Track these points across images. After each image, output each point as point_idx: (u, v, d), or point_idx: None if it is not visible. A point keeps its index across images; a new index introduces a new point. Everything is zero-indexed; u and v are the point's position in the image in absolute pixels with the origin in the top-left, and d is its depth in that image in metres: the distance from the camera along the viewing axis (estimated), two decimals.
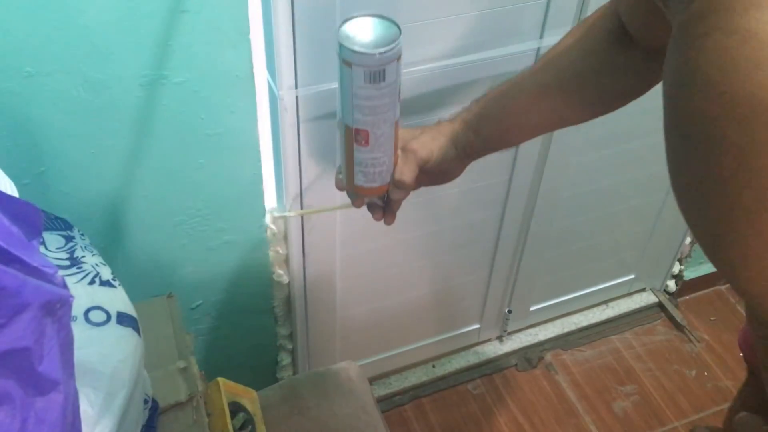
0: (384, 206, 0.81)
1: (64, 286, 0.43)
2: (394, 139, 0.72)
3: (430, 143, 0.76)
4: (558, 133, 1.30)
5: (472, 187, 1.33)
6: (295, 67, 0.97)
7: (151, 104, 0.94)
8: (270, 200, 1.16)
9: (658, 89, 0.45)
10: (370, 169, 0.72)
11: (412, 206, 1.29)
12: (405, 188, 0.76)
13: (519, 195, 1.40)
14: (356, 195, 0.77)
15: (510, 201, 1.40)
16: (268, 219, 1.16)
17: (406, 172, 0.74)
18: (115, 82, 0.90)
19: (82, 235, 0.72)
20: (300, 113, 1.03)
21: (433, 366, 1.67)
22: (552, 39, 1.14)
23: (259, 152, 1.07)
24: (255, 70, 0.97)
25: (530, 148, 1.31)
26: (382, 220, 0.83)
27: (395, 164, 0.74)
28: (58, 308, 0.41)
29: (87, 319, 0.62)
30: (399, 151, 0.75)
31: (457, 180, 1.29)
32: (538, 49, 1.16)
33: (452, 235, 1.41)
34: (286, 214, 1.15)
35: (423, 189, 1.29)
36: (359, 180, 0.74)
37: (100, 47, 0.86)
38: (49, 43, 0.83)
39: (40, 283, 0.39)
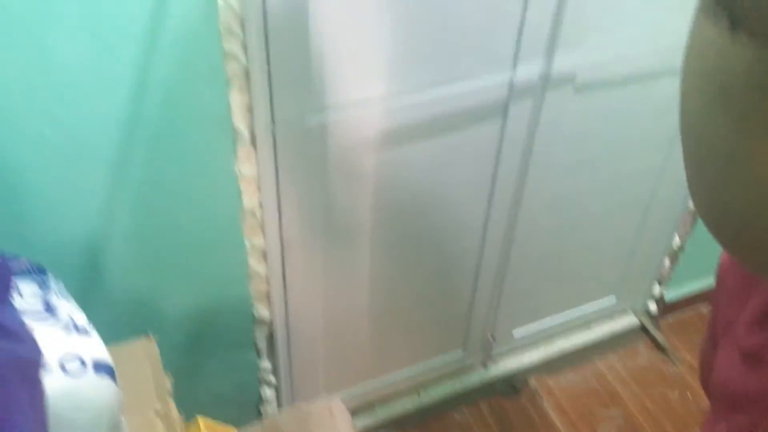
0: None
1: (35, 344, 0.42)
2: None
3: None
4: (536, 161, 1.31)
5: (451, 217, 1.34)
6: None
7: (127, 143, 0.94)
8: None
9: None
10: None
11: (393, 238, 1.30)
12: None
13: (498, 223, 1.41)
14: None
15: (489, 229, 1.41)
16: None
17: None
18: (89, 122, 0.90)
19: (57, 280, 0.71)
20: None
21: (419, 394, 1.67)
22: (526, 69, 1.16)
23: (238, 187, 1.07)
24: (233, 112, 0.97)
25: (507, 176, 1.32)
26: None
27: None
28: (28, 369, 0.41)
29: (62, 369, 0.61)
30: None
31: (437, 211, 1.31)
32: (511, 80, 1.17)
33: (434, 264, 1.42)
34: None
35: (402, 219, 1.30)
36: None
37: (74, 87, 0.86)
38: (22, 84, 0.83)
39: (11, 347, 0.39)
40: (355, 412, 1.61)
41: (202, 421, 0.89)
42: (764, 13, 0.28)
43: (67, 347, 0.63)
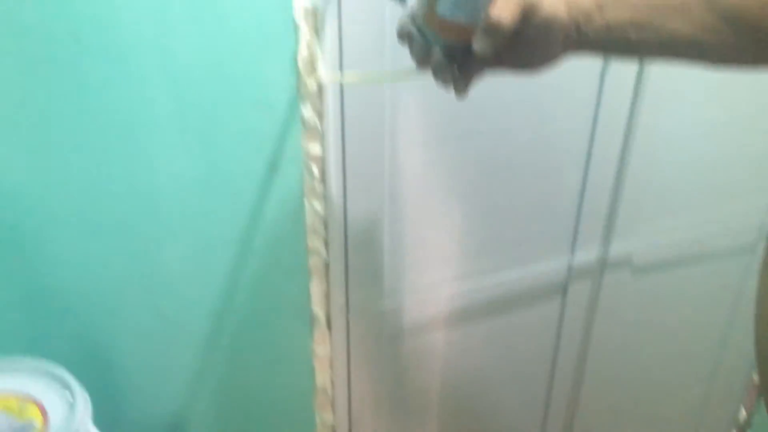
0: (456, 72, 0.60)
1: None
2: None
3: None
4: (595, 338, 1.34)
5: (515, 390, 1.36)
6: None
7: (215, 330, 1.02)
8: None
9: None
10: None
11: (458, 411, 1.32)
12: (498, 34, 0.54)
13: (560, 396, 1.42)
14: (432, 33, 0.57)
15: (551, 404, 1.42)
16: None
17: (506, 13, 0.53)
18: (184, 312, 0.99)
19: None
20: None
21: None
22: (583, 253, 1.23)
23: (312, 366, 1.13)
24: (312, 299, 1.05)
25: (567, 352, 1.35)
26: (453, 92, 0.62)
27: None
28: None
29: None
30: None
31: (501, 384, 1.33)
32: (569, 264, 1.24)
33: (497, 416, 1.42)
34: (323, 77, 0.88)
35: (468, 393, 1.32)
36: (443, 7, 0.55)
37: (175, 282, 0.96)
38: (129, 279, 0.93)
39: None
40: None
41: None
42: None
43: None
